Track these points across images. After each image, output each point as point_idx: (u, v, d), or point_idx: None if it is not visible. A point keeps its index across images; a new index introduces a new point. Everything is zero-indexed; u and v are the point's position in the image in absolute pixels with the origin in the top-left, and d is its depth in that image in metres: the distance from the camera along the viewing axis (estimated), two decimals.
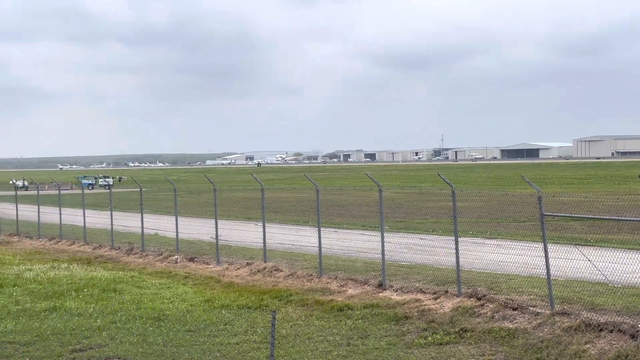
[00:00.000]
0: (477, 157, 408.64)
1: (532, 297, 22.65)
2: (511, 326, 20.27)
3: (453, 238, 24.84)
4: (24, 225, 52.10)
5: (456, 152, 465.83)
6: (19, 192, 64.98)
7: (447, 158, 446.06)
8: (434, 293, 24.50)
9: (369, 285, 26.85)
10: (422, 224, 46.28)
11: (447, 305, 23.05)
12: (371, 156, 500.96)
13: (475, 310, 22.05)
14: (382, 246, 26.96)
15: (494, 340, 19.52)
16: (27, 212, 54.24)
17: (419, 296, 24.51)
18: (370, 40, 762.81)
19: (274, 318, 14.75)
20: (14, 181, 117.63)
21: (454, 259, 24.42)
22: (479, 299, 22.80)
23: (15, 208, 53.09)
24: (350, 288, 26.77)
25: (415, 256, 31.10)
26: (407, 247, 33.60)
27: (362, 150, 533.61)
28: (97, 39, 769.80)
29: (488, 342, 19.44)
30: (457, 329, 20.55)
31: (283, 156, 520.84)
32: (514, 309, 21.41)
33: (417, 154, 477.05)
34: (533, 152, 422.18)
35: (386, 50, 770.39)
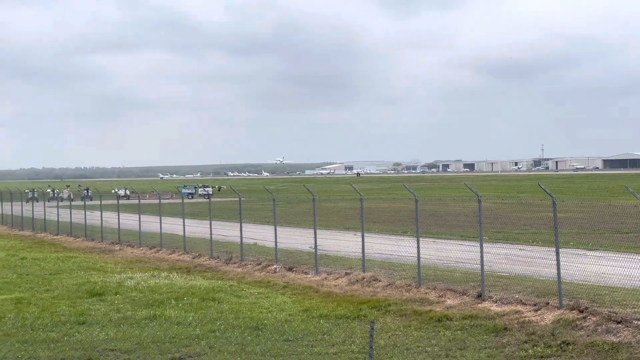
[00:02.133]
0: (578, 167, 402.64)
1: (636, 310, 22.14)
2: (615, 340, 19.85)
3: (553, 249, 24.46)
4: (126, 234, 52.80)
5: (557, 162, 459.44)
6: (121, 201, 65.98)
7: (547, 168, 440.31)
8: (535, 305, 24.15)
9: (467, 295, 26.59)
10: (521, 234, 45.71)
11: (548, 317, 22.69)
12: (470, 166, 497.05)
13: (577, 323, 21.66)
14: (481, 256, 26.69)
15: (596, 354, 19.13)
16: (129, 221, 54.98)
17: (519, 307, 24.17)
18: (471, 49, 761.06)
19: (372, 328, 14.66)
20: (116, 190, 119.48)
21: (554, 270, 24.04)
22: (581, 312, 22.40)
23: (117, 217, 53.84)
24: (448, 298, 26.54)
25: (515, 267, 30.69)
26: (506, 258, 33.17)
27: (461, 160, 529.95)
28: (200, 49, 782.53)
29: (590, 355, 19.06)
30: (558, 342, 20.19)
31: (384, 167, 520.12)
32: (618, 322, 20.97)
33: (516, 164, 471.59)
34: (637, 163, 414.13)
35: (487, 59, 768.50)
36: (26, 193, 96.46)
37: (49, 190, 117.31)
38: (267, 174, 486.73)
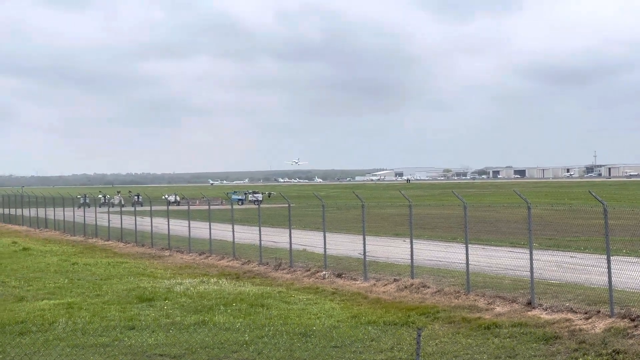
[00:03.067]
0: (632, 174, 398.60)
1: None
2: None
3: (605, 257, 24.24)
4: (175, 239, 53.09)
5: (609, 168, 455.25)
6: (171, 207, 66.36)
7: (599, 175, 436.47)
8: (585, 313, 23.95)
9: (517, 303, 26.44)
10: (572, 241, 45.36)
11: (599, 325, 22.49)
12: (521, 172, 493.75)
13: (629, 331, 21.44)
14: (531, 264, 26.53)
15: None
16: (178, 226, 55.29)
17: (569, 315, 23.99)
18: (524, 55, 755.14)
19: (419, 335, 14.62)
20: (166, 196, 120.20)
21: (605, 278, 23.83)
22: (633, 320, 22.18)
23: (167, 223, 54.15)
24: (498, 306, 26.40)
25: (565, 274, 30.47)
26: (557, 265, 32.94)
27: (511, 167, 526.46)
28: (250, 55, 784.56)
29: None
30: (609, 351, 19.99)
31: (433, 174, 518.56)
32: None
33: (568, 170, 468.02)
34: None
35: (540, 65, 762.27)
36: (78, 199, 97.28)
37: (100, 196, 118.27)
38: (320, 180, 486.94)
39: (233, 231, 46.04)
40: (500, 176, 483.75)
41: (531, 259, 26.63)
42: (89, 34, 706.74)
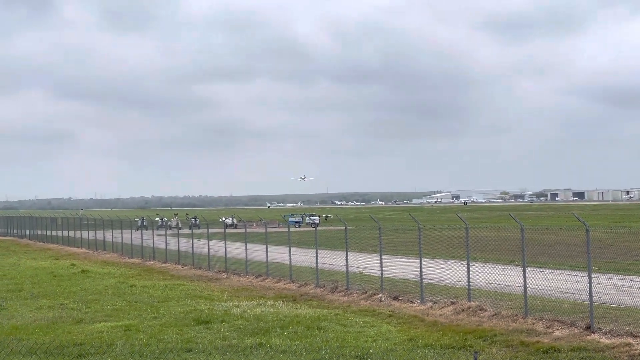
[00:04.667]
0: None
1: None
2: None
3: None
4: (232, 262, 53.23)
5: None
6: (228, 230, 66.59)
7: None
8: None
9: (576, 327, 26.18)
10: (633, 265, 44.79)
11: None
12: (580, 195, 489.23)
13: None
14: (590, 287, 26.27)
15: None
16: (235, 249, 55.43)
17: (630, 340, 23.70)
18: (585, 76, 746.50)
19: (476, 359, 14.51)
20: (223, 219, 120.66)
21: None
22: None
23: (224, 245, 54.33)
24: (556, 329, 26.16)
25: (625, 298, 30.10)
26: (617, 289, 32.55)
27: (570, 189, 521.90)
28: (307, 77, 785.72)
29: None
30: None
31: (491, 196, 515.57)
32: None
33: (628, 192, 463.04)
34: None
35: (601, 87, 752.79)
36: (136, 221, 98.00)
37: (157, 218, 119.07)
38: (382, 202, 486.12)
39: (290, 254, 46.08)
40: (558, 198, 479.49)
41: (590, 282, 26.37)
42: (149, 57, 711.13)
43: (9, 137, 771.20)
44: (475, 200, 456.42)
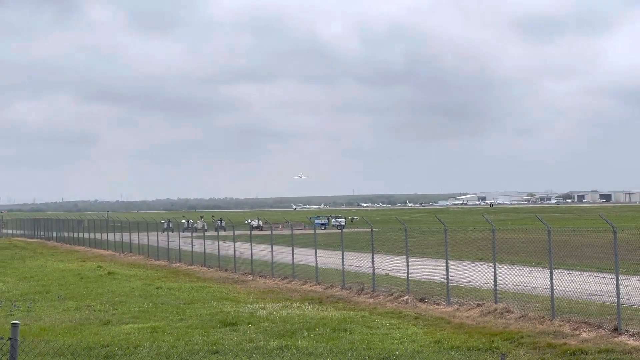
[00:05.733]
0: None
1: None
2: None
3: None
4: (258, 264, 53.28)
5: None
6: (254, 232, 66.65)
7: None
8: None
9: (603, 329, 26.06)
10: None
11: None
12: (607, 197, 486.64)
13: None
14: (617, 289, 26.15)
15: None
16: (261, 251, 55.49)
17: None
18: (613, 77, 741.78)
19: None
20: (249, 221, 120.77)
21: None
22: None
23: (250, 247, 54.39)
24: (583, 332, 26.05)
25: None
26: None
27: (597, 191, 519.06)
28: (334, 79, 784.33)
29: None
30: None
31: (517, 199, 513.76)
32: None
33: None
34: None
35: (629, 87, 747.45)
36: (161, 223, 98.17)
37: (183, 220, 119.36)
38: (412, 204, 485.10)
39: (316, 256, 46.09)
40: (585, 200, 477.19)
41: (617, 284, 26.25)
42: (175, 59, 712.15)
43: (35, 139, 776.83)
44: (502, 202, 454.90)
